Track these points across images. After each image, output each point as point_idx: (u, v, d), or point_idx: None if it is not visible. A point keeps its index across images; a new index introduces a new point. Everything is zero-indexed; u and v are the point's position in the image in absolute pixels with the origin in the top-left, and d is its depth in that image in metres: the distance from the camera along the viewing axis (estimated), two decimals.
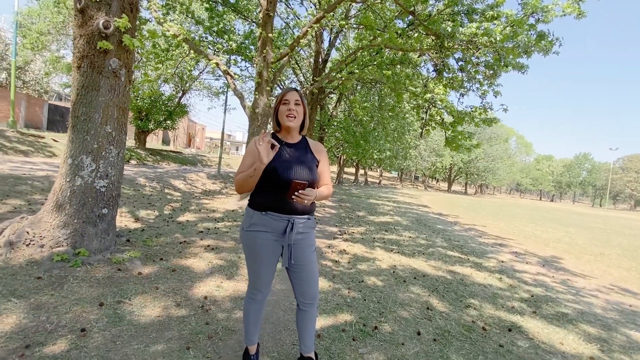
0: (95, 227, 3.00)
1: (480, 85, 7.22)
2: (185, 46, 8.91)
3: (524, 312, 3.32)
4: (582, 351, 2.61)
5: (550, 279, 4.84)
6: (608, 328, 3.17)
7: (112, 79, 2.90)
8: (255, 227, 1.67)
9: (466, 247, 6.41)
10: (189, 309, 2.52)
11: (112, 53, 2.87)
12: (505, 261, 5.64)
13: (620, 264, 6.68)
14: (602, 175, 69.67)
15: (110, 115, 2.93)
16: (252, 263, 1.72)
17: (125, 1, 2.89)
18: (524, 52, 5.97)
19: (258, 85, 7.62)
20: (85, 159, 2.88)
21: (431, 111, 8.41)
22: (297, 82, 15.47)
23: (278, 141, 1.72)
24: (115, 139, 3.03)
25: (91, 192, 2.93)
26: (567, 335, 2.86)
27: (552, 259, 6.42)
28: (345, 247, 5.13)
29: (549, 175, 73.78)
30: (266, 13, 7.44)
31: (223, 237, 4.73)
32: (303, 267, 1.71)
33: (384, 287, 3.52)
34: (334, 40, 12.98)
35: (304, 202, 1.56)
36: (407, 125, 17.00)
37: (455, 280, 4.09)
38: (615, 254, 7.91)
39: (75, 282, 2.61)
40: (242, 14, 10.37)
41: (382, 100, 14.50)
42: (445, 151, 39.81)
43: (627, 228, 16.40)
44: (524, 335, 2.77)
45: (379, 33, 7.60)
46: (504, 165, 49.85)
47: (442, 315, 2.97)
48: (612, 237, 11.58)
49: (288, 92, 1.71)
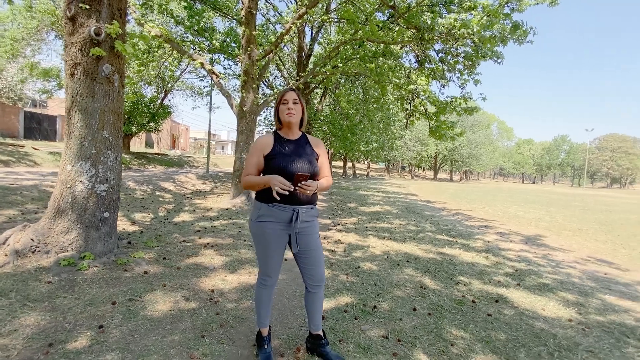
0: (98, 230, 3.07)
1: (460, 75, 7.48)
2: (166, 47, 8.82)
3: (509, 285, 3.59)
4: (562, 315, 2.89)
5: (532, 254, 5.17)
6: (585, 294, 3.48)
7: (106, 85, 2.95)
8: (263, 218, 1.82)
9: (454, 231, 6.72)
10: (199, 302, 2.65)
11: (105, 59, 2.91)
12: (491, 241, 5.97)
13: (596, 238, 7.14)
14: (580, 155, 72.44)
15: (107, 120, 2.99)
16: (262, 251, 1.87)
17: (114, 7, 2.93)
18: (500, 42, 6.23)
19: (244, 84, 7.65)
20: (84, 164, 2.93)
21: (415, 102, 8.64)
22: (282, 78, 15.47)
23: (280, 139, 1.88)
24: (112, 143, 3.09)
25: (92, 196, 3.00)
26: (548, 302, 3.14)
27: (534, 237, 6.81)
28: (340, 237, 5.32)
29: (530, 159, 76.18)
30: (248, 11, 7.46)
31: (221, 234, 4.84)
32: (310, 252, 1.88)
33: (379, 271, 3.73)
34: (316, 35, 13.04)
35: (307, 192, 1.72)
36: (392, 117, 17.28)
37: (445, 261, 4.34)
38: (592, 229, 8.41)
39: (85, 284, 2.70)
40: (222, 11, 10.28)
41: (366, 92, 14.69)
42: (430, 140, 40.55)
43: (603, 205, 17.27)
44: (509, 304, 3.03)
45: (361, 26, 7.73)
46: (486, 151, 51.13)
47: (435, 292, 3.20)
48: (590, 214, 12.23)
49: (286, 92, 1.87)
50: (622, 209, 15.34)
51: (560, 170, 79.57)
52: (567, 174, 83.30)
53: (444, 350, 2.19)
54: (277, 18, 11.72)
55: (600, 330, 2.63)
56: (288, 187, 1.67)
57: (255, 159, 1.86)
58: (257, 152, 1.86)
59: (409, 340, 2.27)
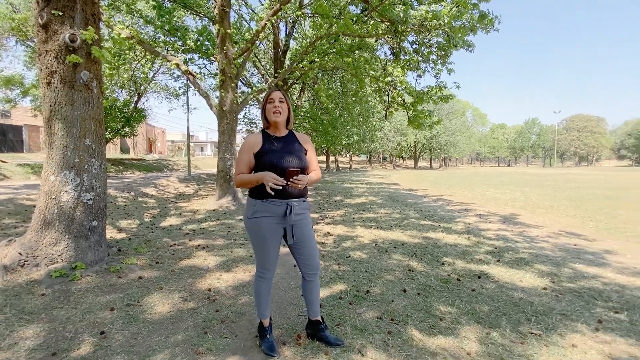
0: (88, 240, 3.04)
1: (434, 65, 7.72)
2: (138, 49, 8.58)
3: (489, 262, 3.84)
4: (537, 284, 3.14)
5: (509, 232, 5.50)
6: (557, 264, 3.77)
7: (85, 92, 2.90)
8: (258, 214, 1.90)
9: (436, 216, 7.01)
10: (197, 302, 2.71)
11: (82, 66, 2.86)
12: (471, 223, 6.28)
13: (567, 213, 7.63)
14: (549, 137, 75.94)
15: (88, 128, 2.95)
16: (259, 245, 1.96)
17: (87, 12, 2.88)
18: (470, 31, 6.49)
19: (223, 83, 7.59)
20: (68, 173, 2.89)
21: (393, 93, 8.85)
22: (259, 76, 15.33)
23: (269, 137, 1.96)
24: (96, 151, 3.06)
25: (79, 206, 2.97)
26: (525, 275, 3.40)
27: (511, 216, 7.21)
28: (329, 230, 5.46)
29: (504, 142, 79.19)
30: (222, 9, 7.37)
31: (211, 236, 4.86)
32: (305, 243, 1.98)
33: (369, 259, 3.89)
34: (291, 30, 12.99)
35: (299, 187, 1.82)
36: (371, 109, 17.53)
37: (430, 244, 4.56)
38: (563, 205, 8.96)
39: (80, 294, 2.69)
40: (193, 9, 10.06)
41: (344, 86, 14.82)
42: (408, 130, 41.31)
43: (572, 182, 18.29)
44: (490, 279, 3.26)
45: (335, 21, 7.81)
46: (463, 137, 52.69)
47: (422, 274, 3.39)
48: (560, 191, 12.96)
49: (272, 92, 1.95)
50: (589, 185, 16.33)
51: (533, 152, 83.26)
52: (539, 155, 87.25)
53: (434, 325, 2.36)
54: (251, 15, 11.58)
55: (572, 295, 2.89)
56: (281, 182, 1.76)
57: (246, 157, 1.93)
58: (247, 151, 1.94)
59: (402, 319, 2.43)
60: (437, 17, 6.35)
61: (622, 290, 3.04)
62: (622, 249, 4.52)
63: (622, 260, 4.03)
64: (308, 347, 2.06)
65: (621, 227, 6.03)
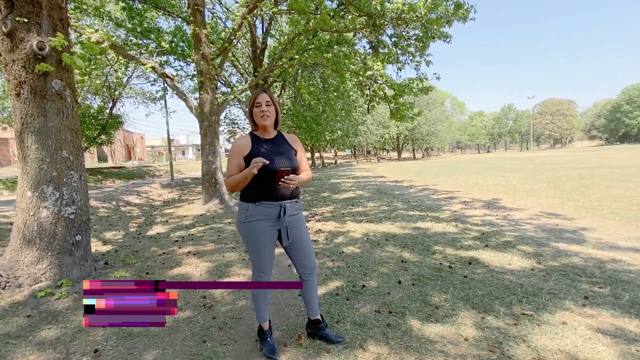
0: (72, 255, 2.93)
1: (413, 58, 7.81)
2: (111, 53, 8.25)
3: (477, 247, 3.95)
4: (525, 266, 3.26)
5: (494, 217, 5.67)
6: (541, 245, 3.92)
7: (58, 102, 2.77)
8: (251, 218, 1.88)
9: (423, 205, 7.14)
10: (193, 310, 2.66)
11: (53, 74, 2.72)
12: (457, 210, 6.43)
13: (546, 195, 7.93)
14: (525, 121, 78.60)
15: (64, 139, 2.82)
16: (255, 250, 1.93)
17: (54, 18, 2.73)
18: (446, 22, 6.59)
19: (201, 84, 7.42)
20: (46, 188, 2.76)
21: (374, 87, 8.90)
22: (238, 75, 15.08)
23: (257, 139, 1.93)
24: (74, 162, 2.93)
25: (60, 221, 2.84)
26: (513, 257, 3.52)
27: (494, 201, 7.43)
28: (319, 227, 5.46)
29: (483, 129, 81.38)
30: (195, 8, 7.18)
31: (200, 241, 4.77)
32: (300, 244, 1.98)
33: (362, 253, 3.92)
34: (268, 28, 12.82)
35: (290, 186, 1.80)
36: (353, 103, 17.58)
37: (420, 234, 4.65)
38: (542, 187, 9.30)
39: (69, 312, 2.59)
40: (165, 9, 9.76)
41: (325, 82, 14.79)
42: (391, 122, 41.73)
43: (549, 165, 19.03)
44: (480, 265, 3.36)
45: (312, 16, 7.75)
46: (443, 127, 53.74)
47: (415, 264, 3.45)
48: (539, 174, 13.45)
49: (259, 94, 1.91)
50: (565, 166, 17.02)
51: (510, 137, 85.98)
52: (516, 140, 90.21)
53: (431, 313, 2.41)
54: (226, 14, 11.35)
55: (558, 274, 3.01)
56: (263, 162, 1.74)
57: (236, 161, 1.90)
58: (237, 155, 1.90)
59: (399, 311, 2.47)
60: (413, 10, 6.41)
61: (603, 265, 3.20)
62: (599, 226, 4.75)
63: (600, 236, 4.23)
64: (310, 347, 2.07)
65: (597, 205, 6.32)
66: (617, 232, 4.37)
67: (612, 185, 8.86)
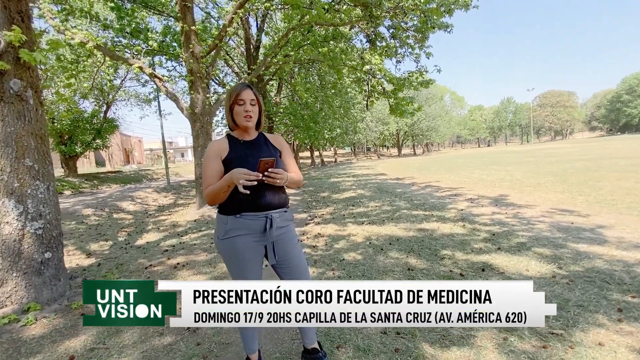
0: (41, 275, 2.63)
1: (412, 50, 7.48)
2: (98, 54, 7.94)
3: (489, 250, 3.64)
4: (545, 272, 2.95)
5: (504, 215, 5.35)
6: (559, 246, 3.61)
7: (17, 104, 2.46)
8: (231, 233, 1.57)
9: (427, 204, 6.82)
10: (175, 335, 2.35)
11: (11, 73, 2.42)
12: (463, 209, 6.12)
13: (555, 189, 7.61)
14: (525, 114, 78.12)
15: (27, 146, 2.51)
16: (236, 270, 1.63)
17: (12, 10, 2.42)
18: (446, 12, 6.26)
19: (192, 84, 7.11)
20: (7, 201, 2.46)
21: (372, 82, 8.58)
22: (233, 74, 14.76)
23: (235, 141, 1.63)
24: (40, 171, 2.62)
25: (25, 237, 2.54)
26: (530, 262, 3.21)
27: (501, 197, 7.11)
28: (319, 230, 5.16)
29: (483, 123, 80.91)
30: (183, 4, 6.86)
31: (193, 251, 4.47)
32: (290, 262, 1.67)
33: (364, 260, 3.62)
34: (262, 25, 12.49)
35: (277, 182, 1.48)
36: (351, 100, 17.25)
37: (426, 237, 4.34)
38: (548, 181, 8.98)
39: (34, 342, 2.29)
40: (155, 9, 9.43)
41: (322, 79, 14.46)
42: (390, 119, 41.39)
43: (552, 157, 18.69)
44: (495, 271, 3.05)
45: (306, 11, 7.43)
46: (443, 121, 53.33)
47: (423, 272, 3.14)
48: (542, 167, 13.13)
49: (242, 90, 1.59)
50: (568, 158, 16.69)
51: (510, 130, 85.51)
52: (517, 133, 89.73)
53: (445, 334, 2.11)
54: (218, 10, 11.01)
55: (583, 282, 2.70)
56: (255, 177, 1.42)
57: (214, 167, 1.59)
58: (214, 158, 1.60)
59: (409, 331, 2.16)
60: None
61: (631, 269, 2.89)
62: (617, 223, 4.43)
63: (621, 235, 3.91)
64: None
65: (610, 199, 6.00)
66: (638, 229, 4.06)
67: (620, 177, 8.54)
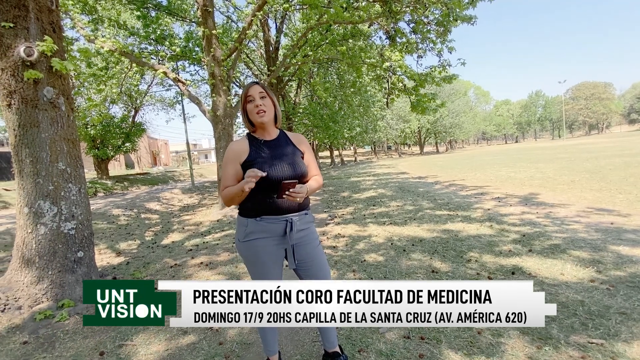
0: (74, 273, 2.76)
1: (434, 45, 7.26)
2: (125, 61, 8.30)
3: (520, 252, 3.45)
4: (582, 277, 2.75)
5: (534, 215, 5.08)
6: (597, 249, 3.36)
7: (51, 111, 2.60)
8: (252, 236, 1.57)
9: (452, 204, 6.60)
10: (198, 334, 2.39)
11: (44, 82, 2.56)
12: (490, 208, 5.86)
13: (591, 187, 7.14)
14: (556, 108, 74.05)
15: (60, 150, 2.65)
16: (257, 273, 1.62)
17: (44, 22, 2.56)
18: (470, 3, 6.01)
19: (213, 87, 7.27)
20: (43, 204, 2.60)
21: (392, 79, 8.41)
22: (253, 76, 14.98)
23: (256, 142, 1.62)
24: (72, 175, 2.75)
25: (59, 237, 2.68)
26: (565, 265, 3.01)
27: (531, 196, 6.75)
28: (339, 231, 5.11)
29: (510, 119, 77.50)
30: (204, 9, 7.02)
31: (215, 250, 4.56)
32: (312, 265, 1.64)
33: (386, 261, 3.54)
34: (280, 26, 12.58)
35: (297, 200, 1.47)
36: (371, 98, 17.03)
37: (451, 238, 4.18)
38: (584, 178, 8.44)
39: (67, 337, 2.40)
40: (179, 15, 9.75)
41: (341, 78, 14.37)
42: (411, 116, 40.59)
43: (587, 153, 17.58)
44: (526, 275, 2.88)
45: (325, 10, 7.39)
46: (467, 118, 51.64)
47: (448, 275, 3.02)
48: (577, 163, 12.36)
49: (250, 87, 1.59)
50: (606, 154, 15.63)
51: (540, 125, 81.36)
52: (547, 128, 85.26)
53: (472, 341, 2.01)
54: (237, 14, 11.21)
55: (626, 287, 2.50)
56: (260, 174, 1.44)
57: (231, 170, 1.59)
58: (233, 161, 1.59)
59: (433, 336, 2.08)
60: None
61: None
62: None
63: None
64: None
65: None
66: None
67: None
